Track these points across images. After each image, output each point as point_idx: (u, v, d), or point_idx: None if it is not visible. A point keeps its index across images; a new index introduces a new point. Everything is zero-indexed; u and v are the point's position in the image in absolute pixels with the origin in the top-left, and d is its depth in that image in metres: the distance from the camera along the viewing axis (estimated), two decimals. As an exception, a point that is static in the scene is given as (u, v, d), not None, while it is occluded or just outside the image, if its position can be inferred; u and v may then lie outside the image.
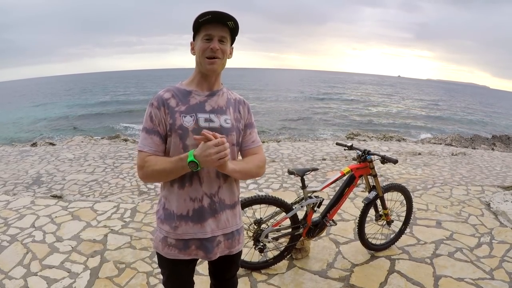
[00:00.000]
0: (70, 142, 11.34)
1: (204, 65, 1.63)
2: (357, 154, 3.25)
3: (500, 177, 7.24)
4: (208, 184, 1.67)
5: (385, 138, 12.98)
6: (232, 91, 1.85)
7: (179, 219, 1.68)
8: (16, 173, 7.22)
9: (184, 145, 1.63)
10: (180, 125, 1.62)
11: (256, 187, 5.78)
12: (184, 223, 1.68)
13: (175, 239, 1.70)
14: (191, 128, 1.62)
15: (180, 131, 1.62)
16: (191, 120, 1.64)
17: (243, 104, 1.82)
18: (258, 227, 3.01)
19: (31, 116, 35.17)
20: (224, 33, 1.62)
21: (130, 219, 4.31)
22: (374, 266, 3.34)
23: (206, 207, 1.68)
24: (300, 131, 26.09)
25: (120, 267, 3.28)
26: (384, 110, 43.95)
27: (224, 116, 1.71)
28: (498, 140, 18.23)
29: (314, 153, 8.96)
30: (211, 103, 1.69)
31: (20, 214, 4.43)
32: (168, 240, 1.72)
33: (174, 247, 1.71)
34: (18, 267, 3.26)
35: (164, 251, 1.74)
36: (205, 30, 1.60)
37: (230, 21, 1.60)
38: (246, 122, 1.81)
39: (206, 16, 1.56)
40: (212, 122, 1.67)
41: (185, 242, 1.70)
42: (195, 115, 1.65)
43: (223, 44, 1.63)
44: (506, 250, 3.64)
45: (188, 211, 1.68)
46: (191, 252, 1.72)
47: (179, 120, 1.62)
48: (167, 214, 1.72)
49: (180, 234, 1.69)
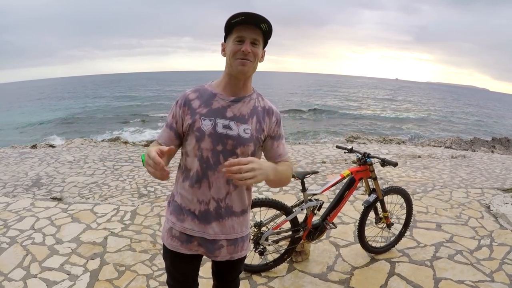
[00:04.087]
0: (70, 144, 11.33)
1: (235, 67, 1.58)
2: (357, 157, 3.26)
3: (500, 180, 7.25)
4: (217, 189, 1.66)
5: (385, 141, 12.99)
6: (264, 97, 1.78)
7: (187, 214, 1.71)
8: (16, 175, 7.21)
9: (199, 147, 1.63)
10: (198, 128, 1.62)
11: (256, 190, 5.78)
12: (191, 219, 1.70)
13: (180, 231, 1.73)
14: (208, 132, 1.61)
15: (198, 134, 1.62)
16: (210, 124, 1.62)
17: (271, 114, 1.73)
18: (258, 230, 3.01)
19: (31, 118, 35.19)
20: (256, 35, 1.56)
21: (130, 221, 4.31)
22: (374, 269, 3.34)
23: (211, 211, 1.68)
24: (301, 134, 26.12)
25: (120, 269, 3.28)
26: (381, 113, 43.98)
27: (244, 125, 1.65)
28: (497, 142, 18.23)
29: (314, 156, 8.96)
30: (233, 109, 1.65)
31: (19, 216, 4.42)
32: (172, 231, 1.75)
33: (177, 239, 1.74)
34: (18, 269, 3.26)
35: (167, 242, 1.77)
36: (237, 31, 1.55)
37: (264, 24, 1.54)
38: (272, 133, 1.74)
39: (239, 17, 1.51)
40: (231, 129, 1.62)
41: (188, 236, 1.72)
42: (215, 119, 1.62)
43: (255, 47, 1.57)
44: (506, 253, 3.64)
45: (195, 210, 1.70)
46: (192, 248, 1.73)
47: (198, 122, 1.62)
48: (175, 206, 1.75)
49: (184, 228, 1.71)
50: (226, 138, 1.61)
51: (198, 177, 1.65)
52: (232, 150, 1.63)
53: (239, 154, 1.63)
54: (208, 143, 1.61)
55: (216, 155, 1.62)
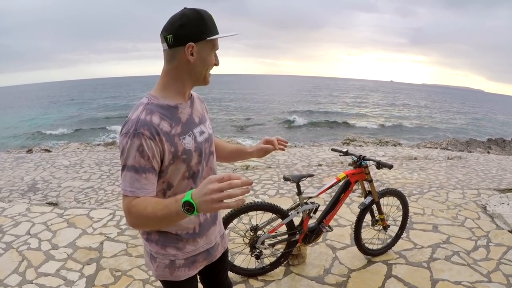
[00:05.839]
0: (66, 148, 11.30)
1: (207, 80, 1.46)
2: (353, 159, 3.26)
3: (496, 180, 7.28)
4: None
5: (381, 143, 13.02)
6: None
7: (186, 238, 1.55)
8: (12, 180, 7.18)
9: (189, 168, 1.45)
10: (184, 150, 1.40)
11: (252, 194, 5.77)
12: (192, 240, 1.57)
13: (184, 258, 1.56)
14: (193, 148, 1.45)
15: (185, 156, 1.41)
16: (191, 140, 1.44)
17: (203, 101, 1.69)
18: (255, 233, 3.00)
19: (27, 122, 35.08)
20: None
21: (126, 226, 4.29)
22: (371, 271, 3.34)
23: (208, 218, 1.63)
24: (296, 137, 26.15)
25: (116, 274, 3.26)
26: (377, 114, 44.10)
27: (207, 122, 1.61)
28: (493, 143, 18.34)
29: (310, 159, 8.97)
30: (195, 113, 1.54)
31: (15, 221, 4.40)
32: (176, 263, 1.55)
33: (184, 267, 1.58)
34: (14, 274, 3.24)
35: (175, 275, 1.57)
36: (215, 42, 1.40)
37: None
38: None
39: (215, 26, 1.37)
40: (204, 133, 1.54)
41: (193, 257, 1.60)
42: (192, 132, 1.47)
43: None
44: (503, 253, 3.65)
45: (194, 228, 1.56)
46: (198, 265, 1.64)
47: (181, 144, 1.40)
48: (168, 237, 1.53)
49: (189, 252, 1.57)
50: (205, 143, 1.54)
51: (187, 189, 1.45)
52: (209, 151, 1.58)
53: (213, 151, 1.62)
54: (196, 158, 1.47)
55: (202, 164, 1.53)
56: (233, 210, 2.87)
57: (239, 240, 3.62)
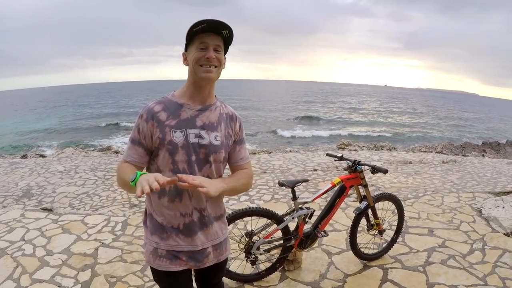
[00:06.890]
0: (60, 154, 11.23)
1: (199, 74, 1.58)
2: (348, 164, 3.27)
3: (491, 183, 7.31)
4: (197, 198, 1.67)
5: (376, 148, 13.04)
6: (225, 104, 1.81)
7: (170, 231, 1.67)
8: (6, 185, 7.12)
9: (173, 161, 1.61)
10: (170, 141, 1.59)
11: (247, 199, 5.76)
12: (175, 235, 1.67)
13: (166, 250, 1.68)
14: (180, 144, 1.60)
15: (170, 147, 1.59)
16: (181, 136, 1.60)
17: (235, 120, 1.78)
18: (250, 239, 3.00)
19: (22, 127, 34.85)
20: (219, 42, 1.58)
21: (121, 232, 4.27)
22: (367, 275, 3.34)
23: (196, 221, 1.69)
24: (291, 142, 26.16)
25: (111, 281, 3.24)
26: (371, 119, 44.25)
27: (214, 133, 1.67)
28: (488, 146, 18.43)
29: (305, 163, 8.96)
30: (202, 118, 1.66)
31: (9, 227, 4.37)
32: (158, 251, 1.69)
33: (165, 258, 1.69)
34: (8, 281, 3.21)
35: (156, 263, 1.70)
36: (199, 39, 1.55)
37: (225, 30, 1.56)
38: (236, 138, 1.78)
39: (201, 24, 1.51)
40: (202, 138, 1.64)
41: (175, 253, 1.69)
42: (185, 130, 1.62)
43: (218, 53, 1.59)
44: (499, 256, 3.67)
45: (179, 225, 1.67)
46: (181, 263, 1.71)
47: (169, 135, 1.59)
48: (156, 225, 1.70)
49: (170, 245, 1.68)
50: (199, 147, 1.63)
51: (177, 191, 1.63)
52: (205, 159, 1.65)
53: (211, 161, 1.67)
54: (182, 155, 1.60)
55: (191, 166, 1.62)
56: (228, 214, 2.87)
57: (234, 246, 3.60)
